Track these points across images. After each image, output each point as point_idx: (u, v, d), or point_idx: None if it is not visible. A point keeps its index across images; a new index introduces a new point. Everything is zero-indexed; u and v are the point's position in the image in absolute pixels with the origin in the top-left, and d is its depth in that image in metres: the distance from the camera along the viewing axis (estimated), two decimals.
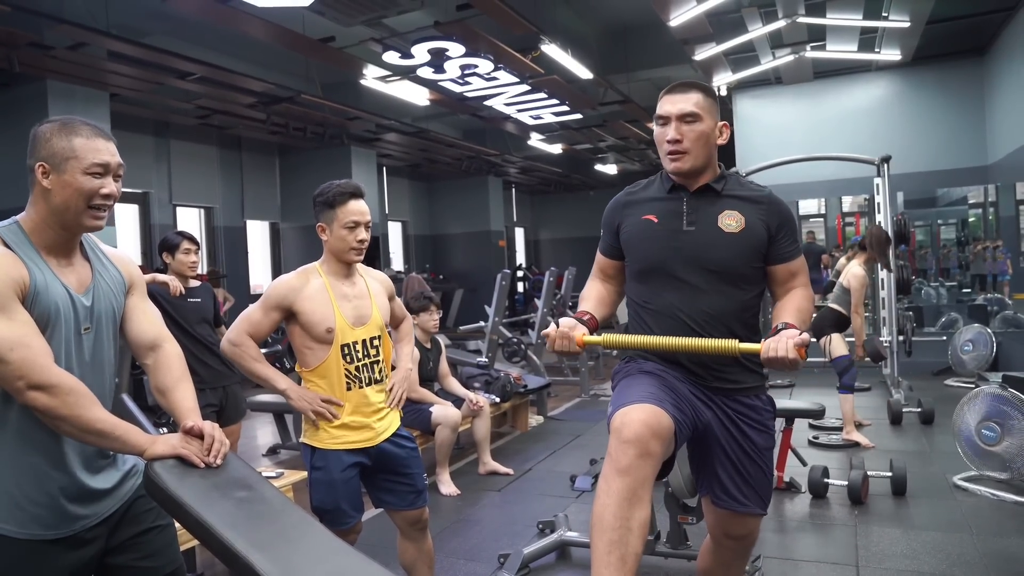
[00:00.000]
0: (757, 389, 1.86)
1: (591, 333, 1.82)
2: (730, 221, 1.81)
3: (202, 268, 9.08)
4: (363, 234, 2.21)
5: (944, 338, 7.22)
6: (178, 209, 9.58)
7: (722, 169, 1.91)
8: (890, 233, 5.98)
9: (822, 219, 13.68)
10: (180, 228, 9.35)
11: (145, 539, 1.57)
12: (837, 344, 4.72)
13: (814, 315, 4.94)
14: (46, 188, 1.42)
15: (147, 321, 1.64)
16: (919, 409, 5.30)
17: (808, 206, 13.38)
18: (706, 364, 1.80)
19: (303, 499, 2.31)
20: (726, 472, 1.81)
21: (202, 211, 10.07)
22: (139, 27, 6.25)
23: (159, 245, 3.56)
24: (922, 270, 9.66)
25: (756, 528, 1.92)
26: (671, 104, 1.82)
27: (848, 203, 12.30)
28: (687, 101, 1.80)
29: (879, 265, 4.96)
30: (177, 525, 1.50)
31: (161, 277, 3.27)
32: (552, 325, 1.82)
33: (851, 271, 4.79)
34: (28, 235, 1.43)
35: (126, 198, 8.63)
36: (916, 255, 9.68)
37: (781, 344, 1.63)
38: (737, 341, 1.67)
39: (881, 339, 5.92)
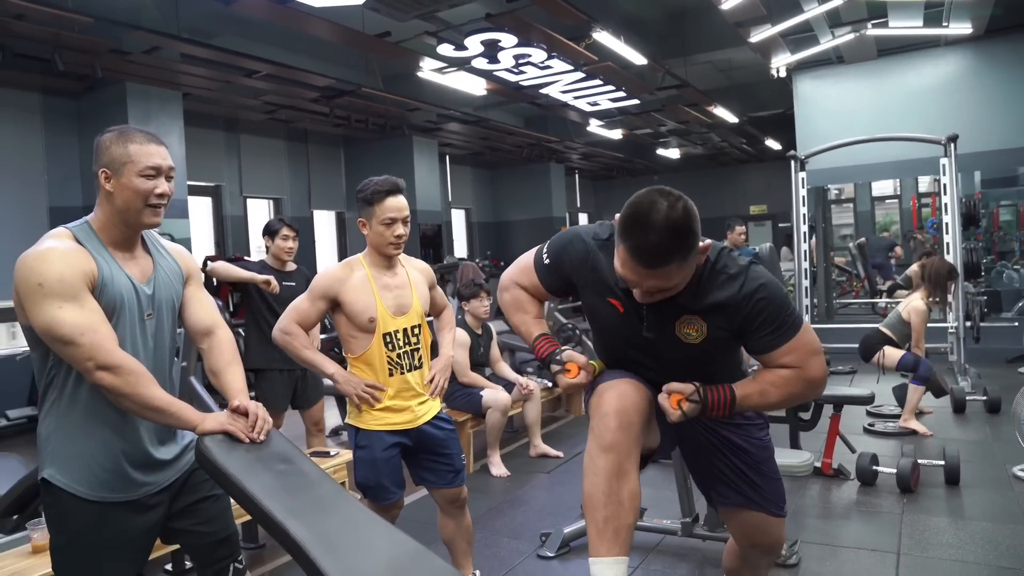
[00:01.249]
0: None
1: None
2: (689, 331, 1.60)
3: None
4: (400, 229, 2.31)
5: (1016, 324, 6.92)
6: (248, 201, 9.99)
7: (701, 265, 1.56)
8: (957, 215, 5.78)
9: (897, 200, 13.19)
10: (250, 219, 9.81)
11: (202, 506, 1.75)
12: (891, 354, 4.58)
13: (865, 335, 4.80)
14: (109, 191, 1.60)
15: (203, 310, 1.81)
16: (984, 397, 5.12)
17: (883, 187, 12.90)
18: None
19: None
20: (730, 477, 1.79)
21: (271, 202, 10.47)
22: (208, 30, 6.58)
23: (263, 229, 3.86)
24: (1003, 252, 9.22)
25: (780, 534, 1.85)
26: (639, 276, 1.47)
27: (926, 183, 11.79)
28: (660, 277, 1.46)
29: (939, 301, 4.68)
30: None
31: (260, 277, 3.58)
32: (571, 358, 1.70)
33: (912, 305, 4.64)
34: (97, 233, 1.62)
35: (199, 191, 9.06)
36: (997, 237, 9.26)
37: (663, 398, 1.59)
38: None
39: (947, 325, 5.74)
